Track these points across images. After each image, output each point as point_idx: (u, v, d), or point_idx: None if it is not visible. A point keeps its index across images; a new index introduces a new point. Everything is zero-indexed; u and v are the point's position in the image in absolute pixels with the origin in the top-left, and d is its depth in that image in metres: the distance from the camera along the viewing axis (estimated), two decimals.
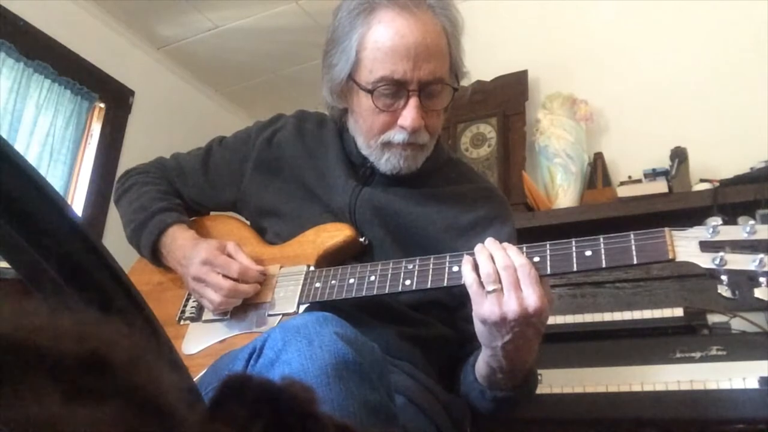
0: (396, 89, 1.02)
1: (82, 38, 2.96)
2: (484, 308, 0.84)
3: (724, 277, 0.79)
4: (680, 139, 1.97)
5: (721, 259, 0.78)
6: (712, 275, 0.80)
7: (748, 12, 2.08)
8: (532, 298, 0.83)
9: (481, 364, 0.94)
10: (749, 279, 0.77)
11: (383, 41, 1.01)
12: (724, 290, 0.80)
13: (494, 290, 0.84)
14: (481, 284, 0.85)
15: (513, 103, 2.31)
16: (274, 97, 3.79)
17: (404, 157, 1.07)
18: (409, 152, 1.07)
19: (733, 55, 2.07)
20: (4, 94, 2.61)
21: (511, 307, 0.82)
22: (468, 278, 0.86)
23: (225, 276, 1.04)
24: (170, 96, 3.50)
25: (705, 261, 0.79)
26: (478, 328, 0.88)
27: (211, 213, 1.33)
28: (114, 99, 3.14)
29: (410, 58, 1.00)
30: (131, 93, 3.22)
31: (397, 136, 1.05)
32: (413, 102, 1.02)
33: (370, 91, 1.03)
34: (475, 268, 0.87)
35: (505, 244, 0.88)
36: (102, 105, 3.11)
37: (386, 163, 1.09)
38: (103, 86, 3.07)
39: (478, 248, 0.88)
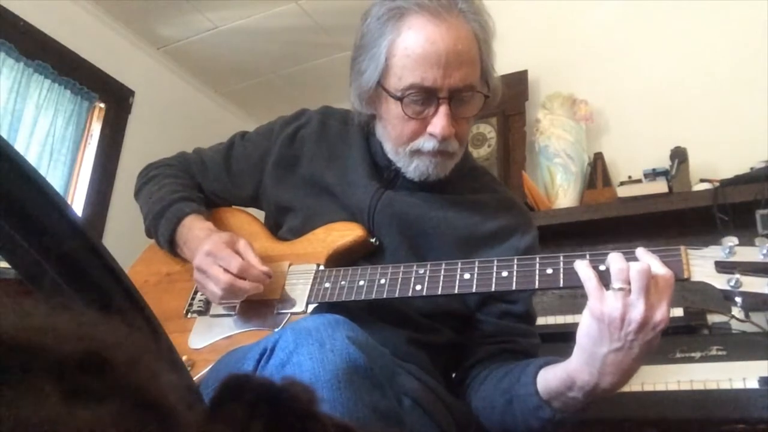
0: (426, 96, 1.00)
1: (82, 38, 2.97)
2: (605, 304, 0.78)
3: (738, 299, 0.78)
4: (680, 139, 1.96)
5: (737, 281, 0.77)
6: (726, 297, 0.79)
7: (748, 13, 2.07)
8: (661, 308, 0.78)
9: (558, 375, 0.87)
10: (763, 302, 0.77)
11: (413, 48, 0.99)
12: (737, 312, 0.79)
13: (620, 288, 0.78)
14: (601, 279, 0.80)
15: (513, 103, 2.30)
16: (274, 97, 3.79)
17: (434, 164, 1.05)
18: (439, 159, 1.05)
19: (733, 56, 2.07)
20: (4, 94, 2.61)
21: (637, 309, 0.77)
22: (584, 272, 0.82)
23: (225, 270, 1.02)
24: (170, 96, 3.50)
25: (720, 282, 0.78)
26: (588, 326, 0.81)
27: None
28: (114, 99, 3.14)
29: (441, 65, 0.98)
30: (131, 93, 3.22)
31: (427, 143, 1.03)
32: (443, 110, 0.99)
33: (400, 99, 1.00)
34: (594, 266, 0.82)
35: (649, 256, 0.82)
36: (102, 105, 3.11)
37: (415, 169, 1.06)
38: (103, 86, 3.07)
39: (612, 255, 0.82)
